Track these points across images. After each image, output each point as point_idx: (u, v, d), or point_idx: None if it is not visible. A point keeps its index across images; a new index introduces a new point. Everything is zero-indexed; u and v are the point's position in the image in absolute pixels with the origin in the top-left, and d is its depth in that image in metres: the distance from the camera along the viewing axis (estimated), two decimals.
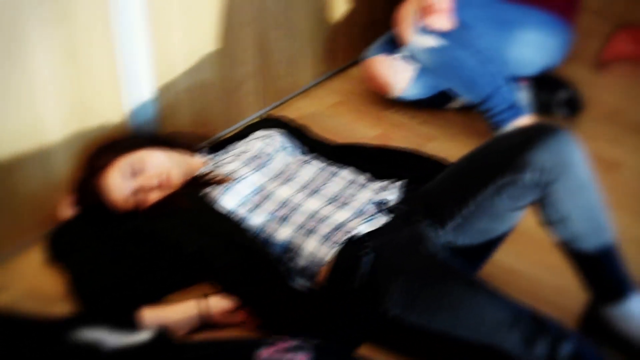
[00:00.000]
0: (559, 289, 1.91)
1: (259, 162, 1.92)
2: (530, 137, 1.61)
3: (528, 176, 1.60)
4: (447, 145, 2.45)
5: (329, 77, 2.76)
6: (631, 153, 2.42)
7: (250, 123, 2.23)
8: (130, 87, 2.07)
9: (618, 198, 2.22)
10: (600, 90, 2.72)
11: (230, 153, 2.00)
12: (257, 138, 2.02)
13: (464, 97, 2.40)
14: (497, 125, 2.35)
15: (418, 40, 2.34)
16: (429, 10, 2.26)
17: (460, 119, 2.56)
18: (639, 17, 3.13)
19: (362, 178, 1.92)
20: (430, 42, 2.33)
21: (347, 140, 2.41)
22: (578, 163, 1.62)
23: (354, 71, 2.79)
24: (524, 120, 2.34)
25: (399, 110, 2.60)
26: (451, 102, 2.57)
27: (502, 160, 1.62)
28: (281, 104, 2.61)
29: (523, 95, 2.55)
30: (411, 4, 2.39)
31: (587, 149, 2.37)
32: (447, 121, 2.56)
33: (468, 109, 2.51)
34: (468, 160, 1.75)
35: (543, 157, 1.59)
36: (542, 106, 2.54)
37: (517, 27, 2.44)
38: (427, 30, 2.32)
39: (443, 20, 2.28)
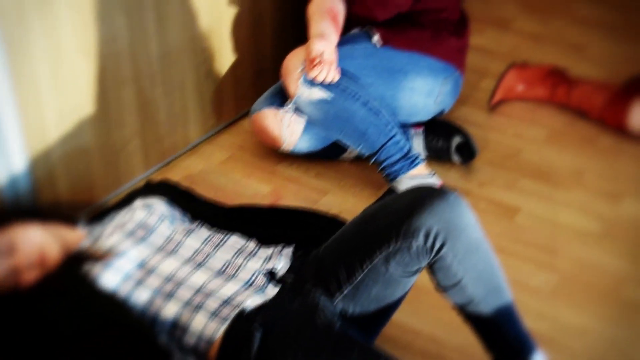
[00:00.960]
0: (461, 349, 1.87)
1: (140, 234, 1.82)
2: (417, 202, 1.57)
3: (416, 243, 1.56)
4: (342, 199, 2.40)
5: (218, 132, 2.68)
6: (528, 197, 2.42)
7: (133, 189, 2.13)
8: None
9: (517, 245, 2.22)
10: (495, 132, 2.73)
11: (111, 225, 1.90)
12: (139, 208, 1.93)
13: (357, 150, 2.36)
14: (392, 177, 2.32)
15: (305, 93, 2.30)
16: (314, 63, 2.22)
17: (355, 170, 2.52)
18: (528, 56, 3.18)
19: (251, 245, 1.85)
20: (318, 94, 2.29)
21: (239, 199, 2.36)
22: (468, 226, 1.58)
23: (244, 124, 2.72)
24: (420, 169, 2.31)
25: (291, 164, 2.55)
26: (345, 153, 2.53)
27: (390, 227, 1.57)
28: (168, 163, 2.52)
29: (417, 143, 2.53)
30: (297, 56, 2.35)
31: (485, 196, 2.40)
32: (342, 173, 2.52)
33: (363, 159, 2.47)
34: (357, 225, 1.69)
35: (431, 222, 1.55)
36: (437, 153, 2.53)
37: (405, 75, 2.42)
38: (314, 83, 2.28)
39: (329, 72, 2.24)
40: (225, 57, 2.59)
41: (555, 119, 2.81)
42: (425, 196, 1.57)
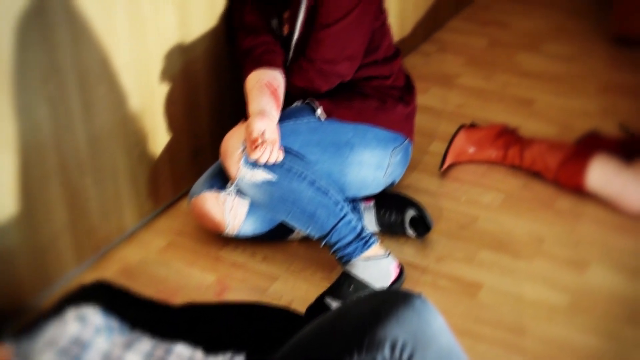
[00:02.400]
0: None
1: (75, 351, 1.66)
2: (381, 310, 1.44)
3: (382, 355, 1.43)
4: (292, 285, 2.27)
5: (155, 217, 2.54)
6: (489, 271, 2.33)
7: (65, 294, 1.97)
8: None
9: (483, 326, 2.11)
10: (448, 200, 2.64)
11: (42, 340, 1.74)
12: (71, 320, 1.77)
13: (306, 232, 2.24)
14: (346, 260, 2.20)
15: (248, 175, 2.17)
16: (256, 144, 2.10)
17: (304, 252, 2.40)
18: (476, 114, 3.11)
19: (197, 356, 1.70)
20: (261, 176, 2.16)
21: (182, 291, 2.22)
22: (437, 333, 1.46)
23: (182, 205, 2.58)
24: (374, 250, 2.20)
25: (236, 248, 2.41)
26: (293, 233, 2.41)
27: (351, 338, 1.44)
28: (103, 255, 2.36)
29: (368, 218, 2.43)
30: (236, 136, 2.23)
31: (444, 272, 2.29)
32: (291, 255, 2.39)
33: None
34: (314, 335, 1.56)
35: (397, 332, 1.42)
36: (390, 227, 2.43)
37: (352, 148, 2.32)
38: (256, 164, 2.15)
39: (272, 153, 2.12)
40: (159, 137, 2.46)
41: (509, 182, 2.73)
42: (388, 303, 1.45)
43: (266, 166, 2.15)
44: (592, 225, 2.52)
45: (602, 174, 2.58)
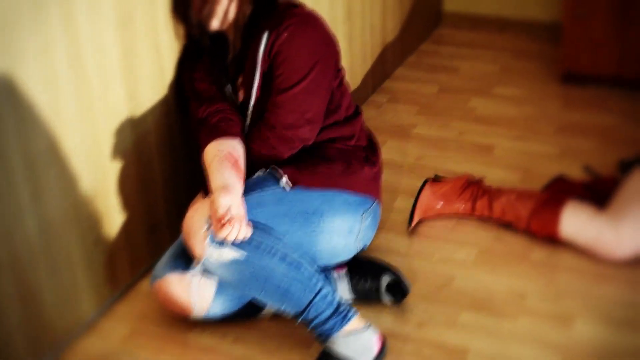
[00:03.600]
0: None
1: None
2: None
3: None
4: None
5: (115, 302, 2.39)
6: (473, 334, 2.23)
7: None
8: None
9: None
10: (420, 259, 2.55)
11: None
12: None
13: (280, 309, 2.11)
14: (325, 337, 2.08)
15: (214, 254, 2.05)
16: (222, 222, 1.98)
17: (277, 328, 2.27)
18: (437, 164, 3.05)
19: None
20: (230, 254, 2.04)
21: None
22: None
23: (143, 286, 2.44)
24: (354, 324, 2.08)
25: (204, 330, 2.27)
26: (265, 310, 2.28)
27: None
28: (62, 350, 2.20)
29: (342, 286, 2.32)
30: (199, 213, 2.10)
31: (427, 339, 2.18)
32: (264, 333, 2.26)
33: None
34: None
35: None
36: (365, 295, 2.32)
37: (321, 216, 2.21)
38: (223, 242, 2.03)
39: (240, 230, 2.00)
40: (114, 218, 2.32)
41: (480, 235, 2.65)
42: None
43: (234, 244, 2.03)
44: (571, 276, 2.45)
45: (575, 221, 2.52)
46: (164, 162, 2.46)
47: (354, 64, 3.49)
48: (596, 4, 3.58)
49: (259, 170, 2.28)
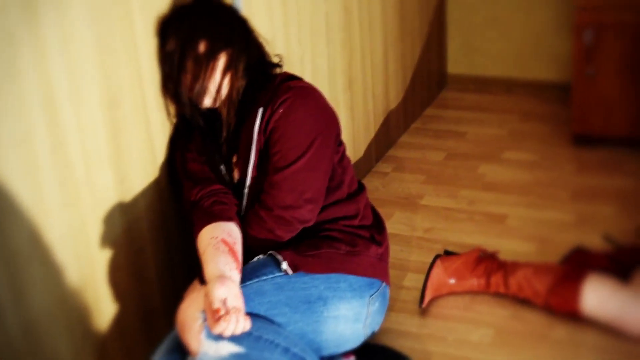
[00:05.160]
0: None
1: None
2: None
3: None
4: None
5: None
6: None
7: None
8: None
9: None
10: (434, 342, 2.41)
11: None
12: None
13: None
14: None
15: (212, 349, 1.91)
16: (218, 314, 1.85)
17: None
18: (446, 237, 2.92)
19: None
20: (228, 349, 1.90)
21: None
22: None
23: None
24: None
25: None
26: None
27: None
28: None
29: None
30: (194, 304, 1.98)
31: None
32: None
33: None
34: None
35: None
36: None
37: (325, 303, 2.09)
38: (220, 336, 1.89)
39: (238, 322, 1.87)
40: (104, 309, 2.19)
41: (497, 313, 2.52)
42: None
43: (232, 338, 1.90)
44: (596, 355, 2.31)
45: (597, 296, 2.38)
46: (157, 248, 2.34)
47: (357, 134, 3.39)
48: (606, 63, 3.50)
49: (257, 255, 2.16)
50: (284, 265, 2.09)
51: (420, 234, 2.99)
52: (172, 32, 2.13)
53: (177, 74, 2.12)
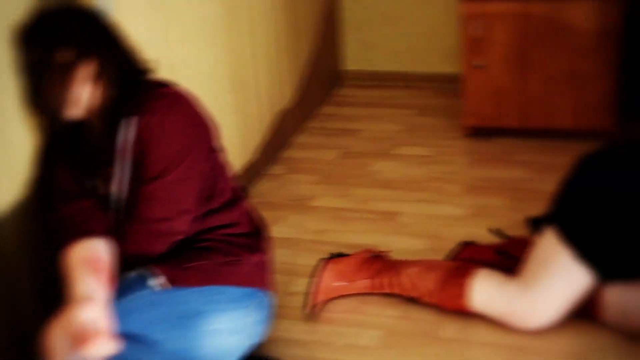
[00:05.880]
0: None
1: None
2: None
3: None
4: None
5: None
6: None
7: None
8: None
9: None
10: (323, 348, 2.37)
11: None
12: None
13: None
14: None
15: None
16: (83, 337, 1.77)
17: None
18: (338, 238, 2.89)
19: None
20: None
21: None
22: None
23: None
24: None
25: None
26: None
27: None
28: None
29: None
30: (59, 329, 1.89)
31: None
32: None
33: None
34: None
35: None
36: None
37: (203, 317, 2.03)
38: None
39: (105, 344, 1.79)
40: None
41: (387, 314, 2.49)
42: None
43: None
44: (485, 351, 2.31)
45: (485, 292, 2.38)
46: (30, 271, 2.24)
47: (248, 136, 3.33)
48: (494, 55, 3.52)
49: (131, 270, 2.08)
50: (159, 280, 2.03)
51: (311, 236, 2.96)
52: (32, 41, 2.04)
53: (40, 84, 2.02)
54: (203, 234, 2.14)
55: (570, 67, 3.45)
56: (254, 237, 2.23)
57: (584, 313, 2.35)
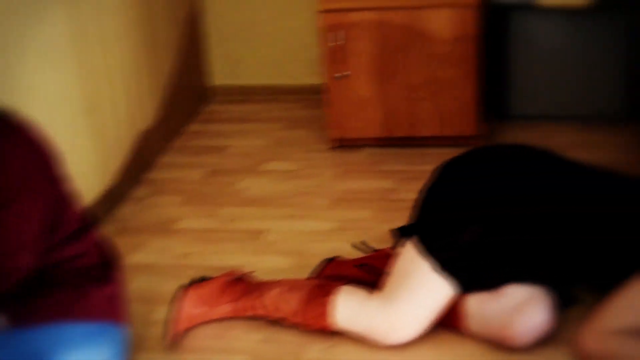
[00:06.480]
0: None
1: None
2: None
3: None
4: None
5: None
6: None
7: None
8: None
9: None
10: None
11: None
12: None
13: None
14: None
15: None
16: None
17: None
18: (202, 262, 2.82)
19: None
20: None
21: None
22: None
23: None
24: None
25: None
26: None
27: None
28: None
29: None
30: None
31: None
32: None
33: None
34: None
35: None
36: None
37: (51, 357, 1.94)
38: None
39: None
40: None
41: (250, 338, 2.44)
42: None
43: None
44: None
45: (346, 309, 2.35)
46: None
47: (106, 159, 3.23)
48: (356, 65, 3.52)
49: None
50: (1, 321, 1.92)
51: (175, 261, 2.88)
52: None
53: None
54: (48, 267, 2.05)
55: (431, 74, 3.49)
56: (104, 268, 2.14)
57: (445, 324, 2.35)
